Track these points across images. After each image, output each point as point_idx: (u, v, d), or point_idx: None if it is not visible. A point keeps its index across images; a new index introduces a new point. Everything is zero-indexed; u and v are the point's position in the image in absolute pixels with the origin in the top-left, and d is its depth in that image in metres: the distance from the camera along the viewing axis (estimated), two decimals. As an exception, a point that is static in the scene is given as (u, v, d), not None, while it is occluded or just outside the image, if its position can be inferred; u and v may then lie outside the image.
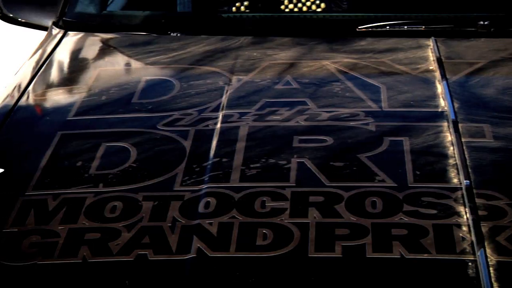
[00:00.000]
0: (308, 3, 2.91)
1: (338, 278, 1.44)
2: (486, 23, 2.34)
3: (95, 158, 1.81)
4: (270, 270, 1.46)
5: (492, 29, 2.33)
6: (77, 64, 2.34)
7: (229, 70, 2.20)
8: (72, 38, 2.46)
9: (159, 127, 1.93)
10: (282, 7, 2.85)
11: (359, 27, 2.39)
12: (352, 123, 1.91)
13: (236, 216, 1.59)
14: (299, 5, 2.89)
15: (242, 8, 2.91)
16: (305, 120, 1.93)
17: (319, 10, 2.88)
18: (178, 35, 2.46)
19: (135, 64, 2.34)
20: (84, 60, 2.38)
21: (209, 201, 1.64)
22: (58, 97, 2.16)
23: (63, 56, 2.38)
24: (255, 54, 2.30)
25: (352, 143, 1.83)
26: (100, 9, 2.58)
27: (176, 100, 2.06)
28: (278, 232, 1.54)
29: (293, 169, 1.73)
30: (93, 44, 2.46)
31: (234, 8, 2.91)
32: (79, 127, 1.96)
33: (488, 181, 1.67)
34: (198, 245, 1.52)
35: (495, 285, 1.39)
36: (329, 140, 1.84)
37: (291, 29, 2.46)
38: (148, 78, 2.21)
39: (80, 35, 2.48)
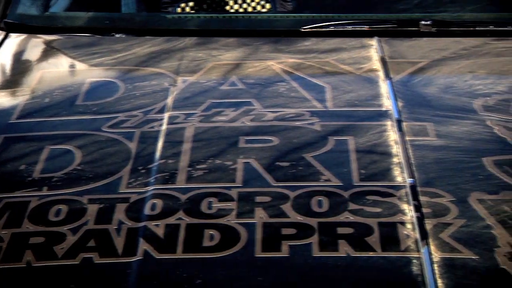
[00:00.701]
0: (253, 4, 2.92)
1: (285, 278, 1.45)
2: (428, 22, 2.37)
3: (39, 161, 1.79)
4: (217, 271, 1.46)
5: (434, 29, 2.36)
6: (20, 66, 2.32)
7: (174, 71, 2.19)
8: (14, 40, 2.43)
9: (104, 129, 1.91)
10: (227, 7, 2.85)
11: (303, 28, 2.41)
12: (297, 123, 1.92)
13: (183, 218, 1.59)
14: (244, 5, 2.89)
15: (187, 9, 2.90)
16: (251, 120, 1.93)
17: (264, 10, 2.88)
18: (123, 36, 2.44)
19: (79, 66, 2.32)
20: (27, 62, 2.35)
21: (155, 203, 1.63)
22: (0, 100, 2.13)
23: (5, 58, 2.35)
24: (200, 55, 2.30)
25: (297, 143, 1.84)
26: (43, 10, 2.55)
27: (121, 101, 2.05)
28: (225, 233, 1.54)
29: (239, 170, 1.73)
30: (36, 46, 2.43)
31: (179, 9, 2.90)
32: (22, 130, 1.94)
33: (431, 179, 1.69)
34: (145, 248, 1.51)
35: (439, 281, 1.41)
36: (275, 140, 1.85)
37: (236, 29, 2.46)
38: (93, 80, 2.19)
39: (22, 37, 2.45)
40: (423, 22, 2.37)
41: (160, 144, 1.84)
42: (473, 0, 2.54)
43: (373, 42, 2.32)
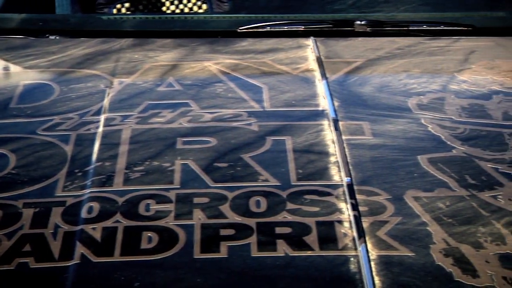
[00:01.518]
0: (190, 4, 2.91)
1: (224, 278, 1.45)
2: (363, 22, 2.39)
3: (-28, 165, 1.76)
4: (155, 273, 1.46)
5: (369, 28, 2.39)
6: (-48, 69, 2.27)
7: (110, 73, 2.17)
8: None
9: (39, 132, 1.89)
10: (164, 8, 2.84)
11: (240, 28, 2.41)
12: (235, 124, 1.92)
13: (120, 220, 1.57)
14: (181, 6, 2.89)
15: (123, 10, 2.88)
16: (188, 121, 1.93)
17: (200, 11, 2.88)
18: (57, 38, 2.42)
19: (13, 68, 2.29)
20: (-41, 64, 2.31)
21: (92, 205, 1.62)
22: None
23: None
24: (136, 56, 2.28)
25: (235, 143, 1.84)
26: (-25, 12, 2.51)
27: (56, 104, 2.03)
28: (163, 235, 1.54)
29: (177, 171, 1.73)
30: (-32, 48, 2.39)
31: (114, 10, 2.88)
32: (-46, 134, 1.90)
33: (368, 178, 1.70)
34: (82, 251, 1.49)
35: (376, 279, 1.43)
36: (213, 141, 1.84)
37: (173, 30, 2.45)
38: (27, 82, 2.16)
39: (-46, 39, 2.41)
40: (357, 22, 2.40)
41: (96, 146, 1.82)
42: (407, 0, 2.57)
43: (309, 42, 2.34)
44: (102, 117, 1.94)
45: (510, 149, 1.80)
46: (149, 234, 1.54)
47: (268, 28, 2.40)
